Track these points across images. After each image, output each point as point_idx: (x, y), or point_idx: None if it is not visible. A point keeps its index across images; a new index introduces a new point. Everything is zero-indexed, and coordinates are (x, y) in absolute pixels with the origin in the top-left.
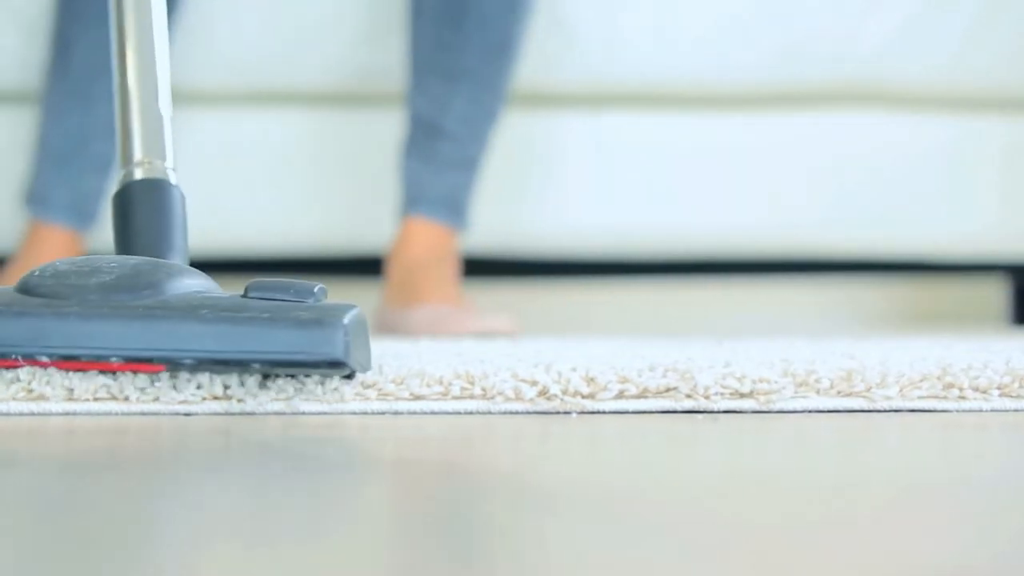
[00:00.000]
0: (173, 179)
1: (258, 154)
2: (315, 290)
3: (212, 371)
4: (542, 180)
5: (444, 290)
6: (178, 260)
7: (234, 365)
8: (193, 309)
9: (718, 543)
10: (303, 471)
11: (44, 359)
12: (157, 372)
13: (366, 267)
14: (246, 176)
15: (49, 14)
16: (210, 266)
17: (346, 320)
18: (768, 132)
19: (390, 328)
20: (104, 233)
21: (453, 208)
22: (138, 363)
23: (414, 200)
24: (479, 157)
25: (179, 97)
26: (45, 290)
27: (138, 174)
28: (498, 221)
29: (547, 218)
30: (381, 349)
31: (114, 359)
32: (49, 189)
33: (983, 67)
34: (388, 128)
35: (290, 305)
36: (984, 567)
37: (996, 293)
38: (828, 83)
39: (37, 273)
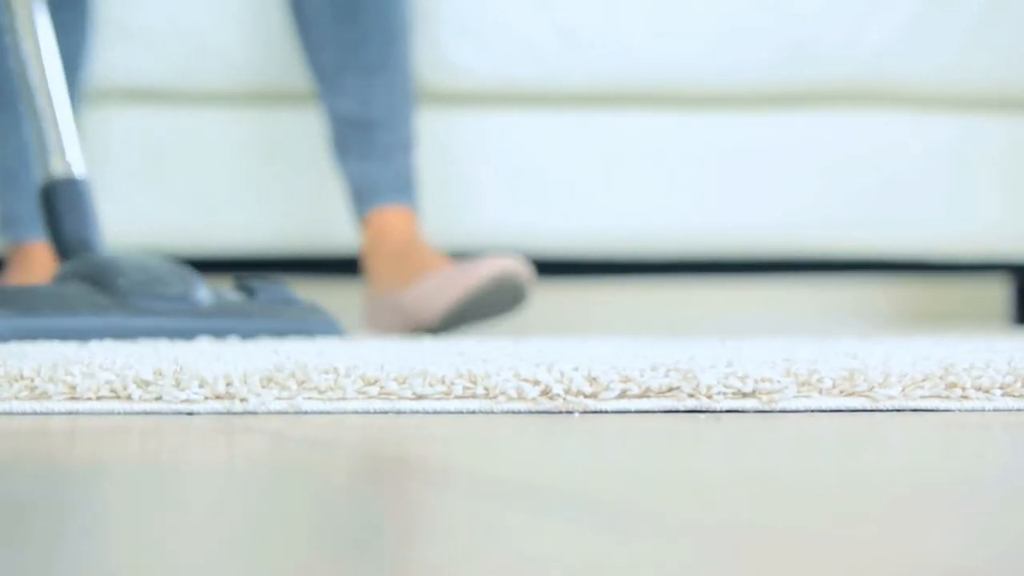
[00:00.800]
0: (80, 173)
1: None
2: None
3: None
4: (544, 180)
5: (437, 259)
6: (102, 247)
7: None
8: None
9: (720, 543)
10: (301, 472)
11: None
12: None
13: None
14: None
15: None
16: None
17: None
18: (770, 132)
19: (392, 314)
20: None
21: (407, 190)
22: None
23: (371, 194)
24: (411, 139)
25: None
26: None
27: (55, 172)
28: (500, 221)
29: (549, 218)
30: (383, 347)
31: None
32: (13, 207)
33: (985, 67)
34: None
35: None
36: (988, 567)
37: (998, 293)
38: (830, 83)
39: (122, 281)
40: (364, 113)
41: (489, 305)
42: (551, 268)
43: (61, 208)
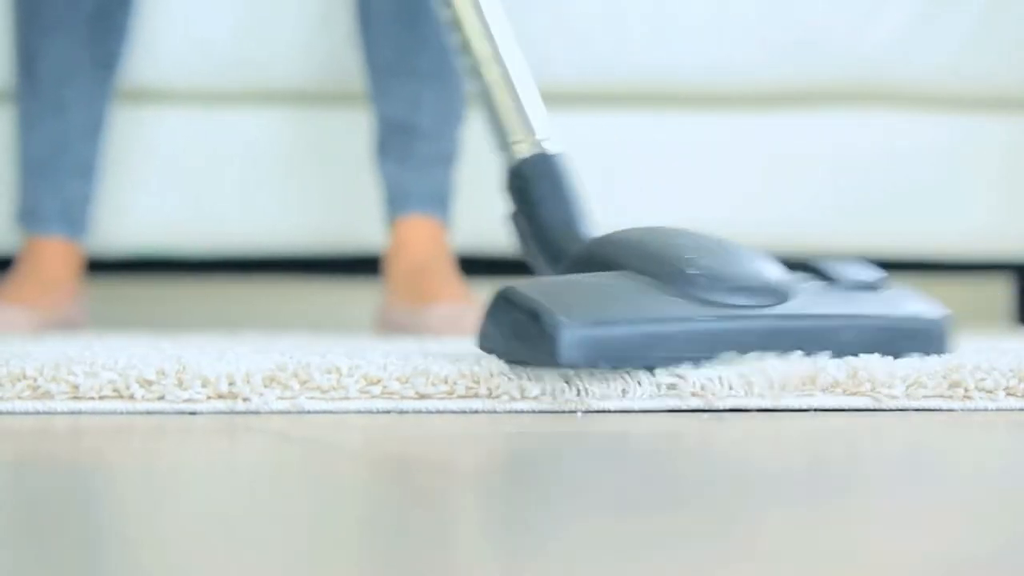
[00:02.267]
0: (554, 149)
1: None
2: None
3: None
4: None
5: (453, 287)
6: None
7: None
8: (851, 312)
9: (725, 542)
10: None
11: None
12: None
13: (349, 267)
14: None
15: (10, 23)
16: (197, 266)
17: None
18: (771, 131)
19: (400, 328)
20: (97, 240)
21: (441, 203)
22: None
23: (402, 200)
24: (454, 152)
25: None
26: (722, 294)
27: (523, 151)
28: (499, 220)
29: None
30: (385, 348)
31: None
32: (37, 201)
33: (987, 66)
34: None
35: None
36: (991, 565)
37: (1000, 292)
38: (832, 82)
39: (695, 272)
40: (410, 119)
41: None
42: None
43: (535, 187)
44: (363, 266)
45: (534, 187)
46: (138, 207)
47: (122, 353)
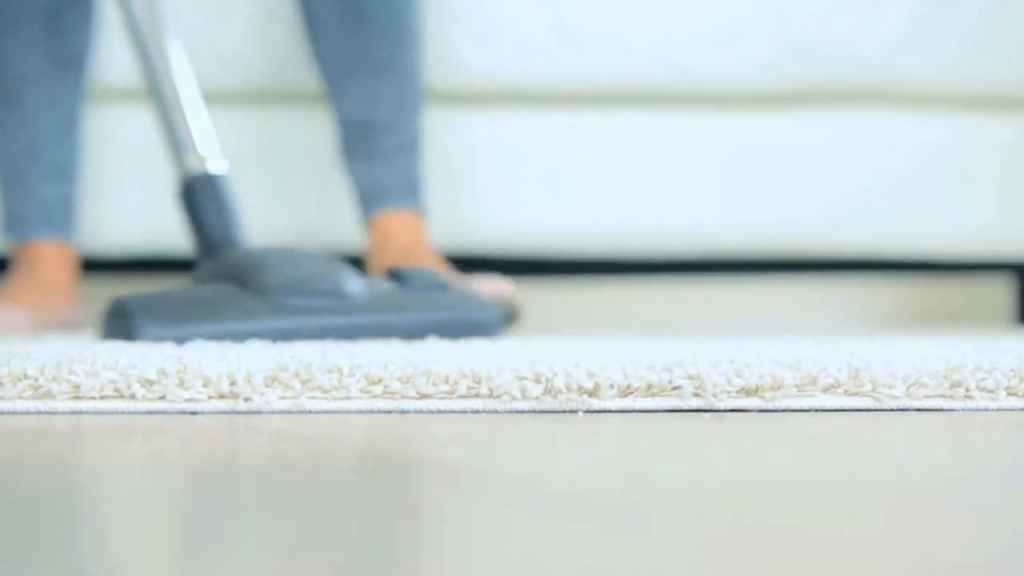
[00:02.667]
0: (220, 169)
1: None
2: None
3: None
4: (544, 178)
5: (439, 268)
6: (246, 243)
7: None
8: (400, 306)
9: (725, 543)
10: (303, 472)
11: None
12: None
13: None
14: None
15: None
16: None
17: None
18: (772, 131)
19: None
20: (92, 239)
21: (413, 192)
22: None
23: (376, 196)
24: (417, 141)
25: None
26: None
27: (193, 170)
28: (501, 220)
29: (550, 217)
30: (385, 347)
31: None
32: (17, 207)
33: (986, 66)
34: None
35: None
36: (992, 565)
37: (1002, 292)
38: (832, 82)
39: (269, 279)
40: (369, 116)
41: None
42: (551, 267)
43: (200, 205)
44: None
45: (198, 202)
46: (125, 207)
47: (123, 353)
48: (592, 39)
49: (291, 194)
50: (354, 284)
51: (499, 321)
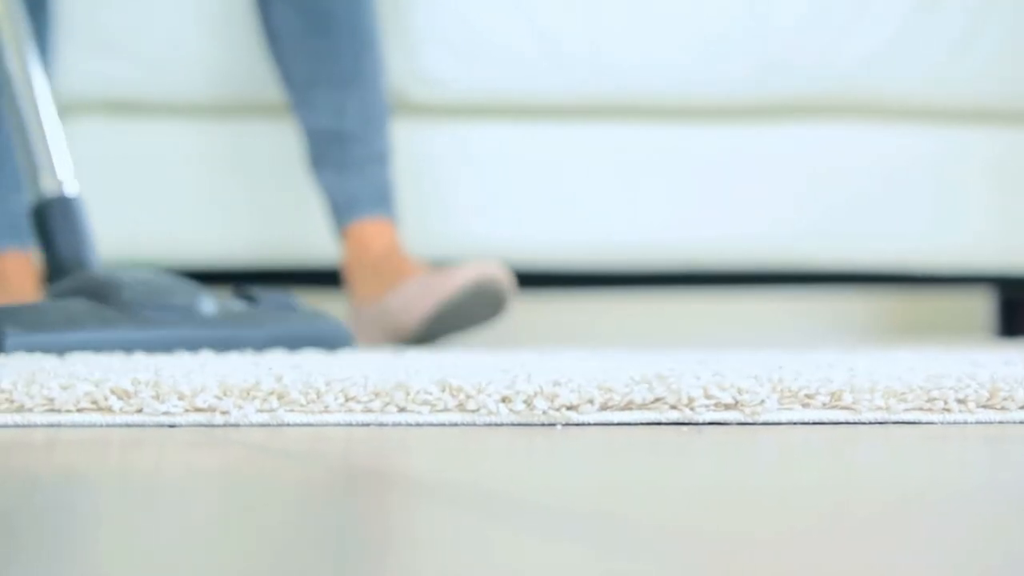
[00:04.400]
0: (72, 191)
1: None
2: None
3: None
4: (524, 192)
5: (416, 268)
6: (96, 264)
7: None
8: (243, 320)
9: (703, 557)
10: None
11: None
12: None
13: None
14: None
15: None
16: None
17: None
18: (754, 144)
19: (377, 324)
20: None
21: (386, 202)
22: None
23: (349, 207)
24: (387, 150)
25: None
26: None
27: (46, 192)
28: (480, 233)
29: (529, 230)
30: (365, 360)
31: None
32: None
33: (968, 79)
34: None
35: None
36: None
37: (982, 305)
38: (814, 95)
39: (126, 294)
40: (338, 126)
41: (469, 312)
42: (531, 280)
43: (54, 226)
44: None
45: (52, 224)
46: (115, 217)
47: (98, 366)
48: (573, 53)
49: (258, 207)
50: (206, 301)
51: (347, 337)
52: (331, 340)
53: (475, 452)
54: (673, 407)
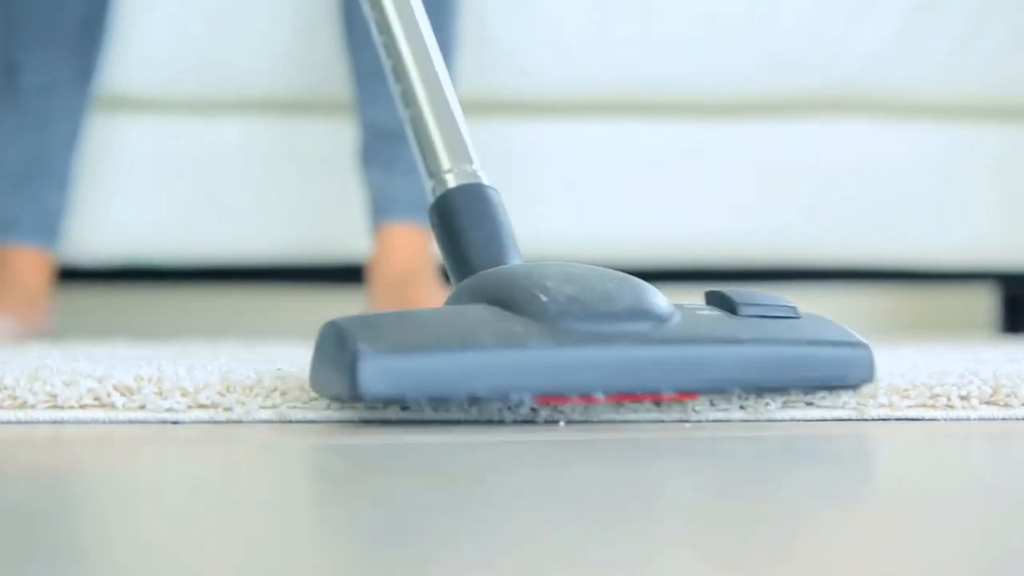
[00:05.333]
0: (485, 180)
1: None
2: (788, 302)
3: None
4: (527, 188)
5: (435, 293)
6: (517, 261)
7: (770, 391)
8: (733, 335)
9: (707, 554)
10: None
11: (599, 395)
12: (693, 399)
13: (332, 275)
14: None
15: None
16: (177, 275)
17: (863, 339)
18: (758, 140)
19: None
20: (77, 248)
21: (424, 209)
22: (686, 394)
23: (387, 207)
24: None
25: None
26: (573, 319)
27: (451, 181)
28: None
29: (534, 226)
30: None
31: (667, 391)
32: (14, 211)
33: (973, 76)
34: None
35: (794, 324)
36: (974, 574)
37: (986, 301)
38: (818, 92)
39: (546, 299)
40: (395, 125)
41: None
42: None
43: (462, 219)
44: (343, 275)
45: (457, 217)
46: (118, 215)
47: (101, 363)
48: (575, 48)
49: (293, 204)
50: (661, 305)
51: (868, 360)
52: (849, 367)
53: (475, 449)
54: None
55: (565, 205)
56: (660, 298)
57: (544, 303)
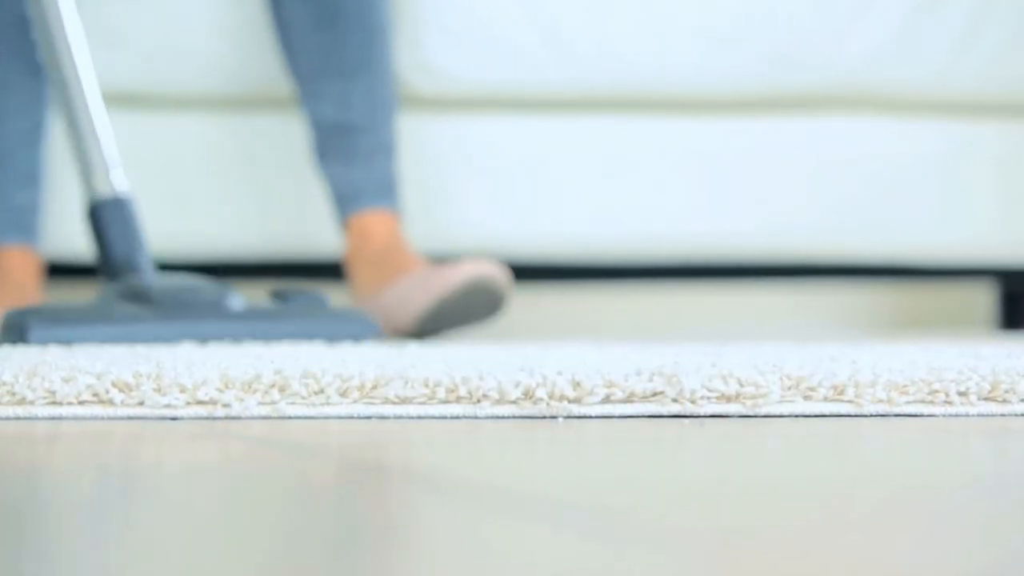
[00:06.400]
0: (121, 185)
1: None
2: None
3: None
4: (530, 184)
5: (417, 262)
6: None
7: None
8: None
9: (705, 549)
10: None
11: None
12: None
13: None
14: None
15: None
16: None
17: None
18: (759, 137)
19: (377, 316)
20: (62, 244)
21: (390, 193)
22: None
23: (352, 198)
24: (393, 142)
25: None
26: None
27: (104, 191)
28: (484, 226)
29: (535, 223)
30: (365, 353)
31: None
32: None
33: (972, 73)
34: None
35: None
36: (970, 570)
37: (984, 298)
38: (819, 88)
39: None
40: (344, 118)
41: (465, 309)
42: (535, 273)
43: (107, 228)
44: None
45: (105, 226)
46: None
47: (100, 359)
48: (577, 45)
49: (264, 200)
50: (235, 299)
51: (373, 332)
52: (357, 335)
53: (476, 444)
54: (675, 400)
55: (565, 203)
56: (233, 296)
57: (154, 294)
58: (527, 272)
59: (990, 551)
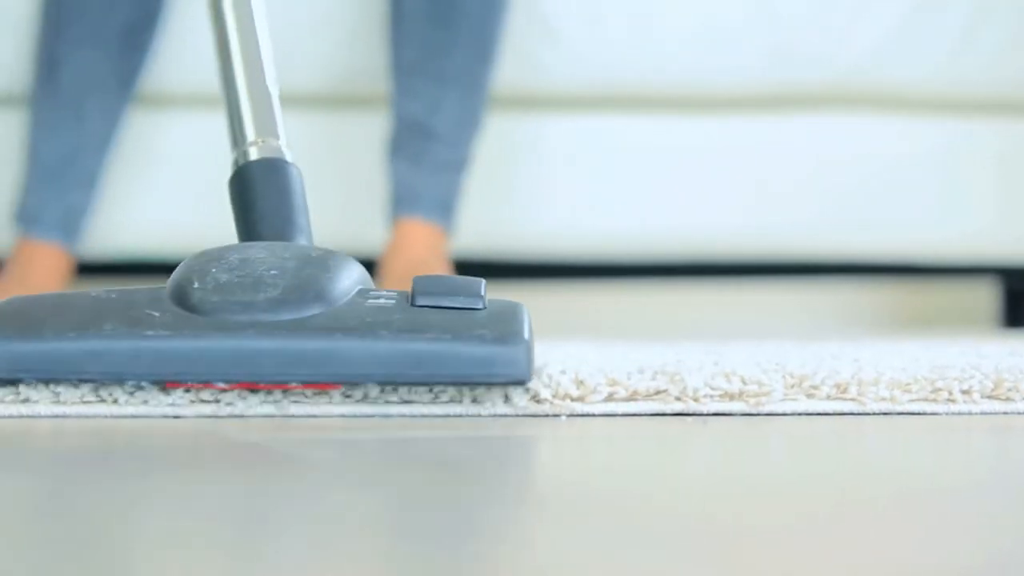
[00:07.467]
0: (288, 156)
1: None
2: (481, 291)
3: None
4: (528, 182)
5: None
6: (304, 241)
7: (415, 384)
8: (370, 328)
9: (708, 547)
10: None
11: (221, 384)
12: (335, 389)
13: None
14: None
15: (35, 25)
16: None
17: (525, 334)
18: (758, 135)
19: None
20: (87, 246)
21: (446, 209)
22: (318, 384)
23: (408, 201)
24: (467, 160)
25: (164, 100)
26: (211, 307)
27: (253, 154)
28: (485, 223)
29: (534, 221)
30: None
31: (294, 382)
32: (39, 206)
33: (973, 70)
34: (376, 130)
35: (464, 316)
36: (973, 568)
37: (986, 296)
38: (819, 86)
39: (197, 285)
40: (428, 121)
41: None
42: (535, 272)
43: (254, 191)
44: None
45: (252, 188)
46: (145, 210)
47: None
48: (575, 42)
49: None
50: (336, 291)
51: (519, 359)
52: (495, 365)
53: (481, 442)
54: (678, 398)
55: (565, 201)
56: (341, 284)
57: (189, 292)
58: (527, 271)
59: (994, 549)
